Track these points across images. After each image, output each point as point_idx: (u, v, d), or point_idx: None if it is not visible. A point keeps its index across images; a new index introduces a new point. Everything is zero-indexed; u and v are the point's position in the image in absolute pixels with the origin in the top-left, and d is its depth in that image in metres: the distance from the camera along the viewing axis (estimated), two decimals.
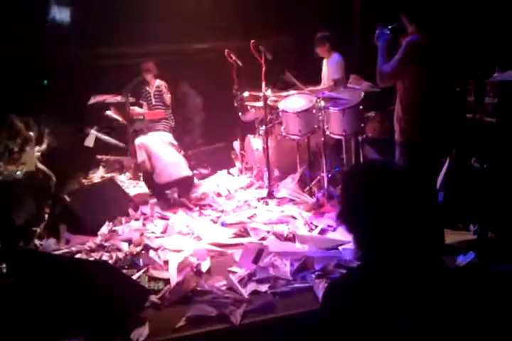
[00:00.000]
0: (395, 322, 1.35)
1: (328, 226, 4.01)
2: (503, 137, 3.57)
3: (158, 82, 6.45)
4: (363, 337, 1.38)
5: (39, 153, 5.62)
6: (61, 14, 8.26)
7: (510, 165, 3.52)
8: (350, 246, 3.50)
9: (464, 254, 3.24)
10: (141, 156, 5.08)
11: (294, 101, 5.04)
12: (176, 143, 5.43)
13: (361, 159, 4.86)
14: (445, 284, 1.47)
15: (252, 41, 5.03)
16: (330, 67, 5.64)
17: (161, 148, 5.09)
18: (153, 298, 3.01)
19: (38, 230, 4.30)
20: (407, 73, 3.08)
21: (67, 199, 4.31)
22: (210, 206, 4.87)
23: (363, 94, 4.68)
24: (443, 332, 1.36)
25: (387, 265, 1.43)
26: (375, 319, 1.38)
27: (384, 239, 1.45)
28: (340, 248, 3.54)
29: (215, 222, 4.41)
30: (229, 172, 6.22)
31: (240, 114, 6.00)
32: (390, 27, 3.22)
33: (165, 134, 5.56)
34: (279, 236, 3.92)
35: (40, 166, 4.95)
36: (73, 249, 3.91)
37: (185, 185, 5.02)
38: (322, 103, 4.83)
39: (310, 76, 6.12)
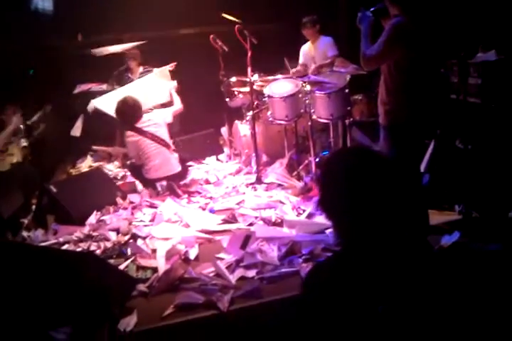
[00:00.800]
0: (373, 307, 1.36)
1: (316, 210, 4.02)
2: (487, 117, 3.57)
3: (142, 69, 6.36)
4: (341, 322, 1.39)
5: (26, 144, 5.60)
6: (44, 3, 8.13)
7: (494, 145, 3.53)
8: None
9: (449, 234, 3.27)
10: (131, 152, 4.93)
11: (279, 86, 5.00)
12: (168, 119, 5.13)
13: (349, 142, 4.85)
14: (428, 266, 1.48)
15: (236, 26, 4.97)
16: (324, 47, 5.61)
17: (150, 145, 4.83)
18: (142, 286, 3.03)
19: (26, 222, 4.29)
20: (393, 55, 3.05)
21: (54, 189, 4.28)
22: (199, 193, 4.85)
23: (348, 77, 4.66)
24: (423, 315, 1.37)
25: (368, 250, 1.44)
26: (353, 304, 1.39)
27: (365, 224, 1.45)
28: (327, 231, 3.55)
29: (203, 209, 4.40)
30: (218, 159, 6.21)
31: (227, 99, 5.96)
32: (371, 9, 3.18)
33: (157, 113, 5.18)
34: (267, 222, 3.93)
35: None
36: (61, 239, 3.90)
37: (175, 178, 4.96)
38: (308, 87, 4.80)
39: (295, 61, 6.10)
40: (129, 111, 4.85)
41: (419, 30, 3.03)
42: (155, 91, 5.66)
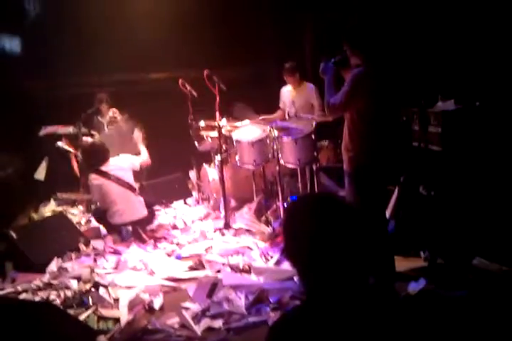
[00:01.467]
0: None
1: (282, 256, 3.98)
2: (448, 165, 3.67)
3: (111, 112, 6.36)
4: None
5: None
6: (11, 43, 8.14)
7: (456, 192, 3.62)
8: None
9: (415, 281, 3.28)
10: (95, 195, 4.86)
11: (247, 131, 5.07)
12: (136, 167, 5.09)
13: (316, 187, 4.89)
14: (395, 314, 1.46)
15: (205, 71, 5.06)
16: (308, 94, 5.64)
17: (115, 189, 4.74)
18: (102, 338, 2.90)
19: None
20: (354, 104, 3.13)
21: (14, 235, 4.14)
22: (165, 238, 4.77)
23: (314, 123, 4.76)
24: None
25: (333, 299, 1.42)
26: None
27: (328, 273, 1.44)
28: (295, 278, 3.52)
29: (169, 255, 4.32)
30: (185, 203, 6.16)
31: (196, 143, 5.98)
32: (333, 60, 3.30)
33: (124, 158, 5.08)
34: (234, 269, 3.88)
35: None
36: (19, 288, 3.74)
37: (140, 223, 4.87)
38: (275, 133, 4.87)
39: (264, 106, 6.21)
40: (95, 153, 4.81)
41: (380, 79, 3.14)
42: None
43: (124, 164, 4.95)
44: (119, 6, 7.47)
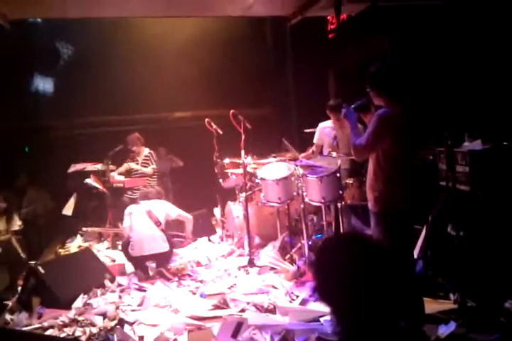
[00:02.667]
0: None
1: (310, 296, 3.93)
2: (477, 204, 3.63)
3: (146, 151, 6.53)
4: None
5: (20, 222, 5.57)
6: (44, 85, 8.49)
7: (486, 232, 3.56)
8: None
9: (445, 324, 3.19)
10: (126, 222, 5.08)
11: (272, 169, 5.12)
12: (171, 216, 5.33)
13: (341, 226, 4.86)
14: None
15: (231, 111, 5.20)
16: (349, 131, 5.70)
17: (139, 220, 5.00)
18: None
19: (10, 304, 4.14)
20: (380, 145, 3.15)
21: (42, 270, 4.18)
22: (190, 276, 4.77)
23: (339, 161, 4.78)
24: None
25: (365, 339, 1.41)
26: None
27: (360, 313, 1.43)
28: (321, 319, 3.46)
29: (194, 293, 4.30)
30: (209, 240, 6.16)
31: (220, 180, 6.05)
32: (353, 106, 3.38)
33: (158, 203, 5.33)
34: (259, 308, 3.83)
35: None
36: (45, 324, 3.75)
37: (161, 258, 4.94)
38: (300, 170, 4.91)
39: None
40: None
41: (404, 120, 3.15)
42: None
43: (164, 207, 5.26)
44: (144, 50, 7.80)
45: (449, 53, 5.10)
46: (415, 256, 3.65)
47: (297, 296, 3.99)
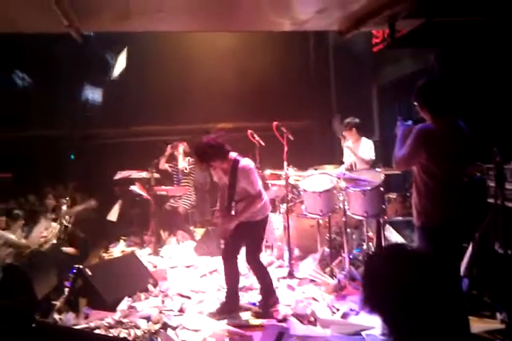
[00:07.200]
0: None
1: (351, 309, 3.93)
2: None
3: (188, 160, 6.67)
4: None
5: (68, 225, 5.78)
6: (94, 94, 8.81)
7: None
8: (374, 332, 3.42)
9: None
10: None
11: (315, 181, 5.15)
12: None
13: (383, 240, 4.84)
14: None
15: (274, 123, 5.28)
16: (362, 149, 5.79)
17: None
18: None
19: (58, 304, 4.28)
20: (419, 158, 3.12)
21: (89, 273, 4.32)
22: None
23: (383, 175, 4.78)
24: None
25: None
26: None
27: (413, 324, 1.46)
28: (363, 333, 3.45)
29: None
30: None
31: None
32: (411, 121, 3.36)
33: None
34: (300, 319, 3.85)
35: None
36: (92, 324, 3.85)
37: None
38: (343, 183, 4.92)
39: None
40: None
41: (448, 134, 3.09)
42: None
43: None
44: (190, 62, 8.01)
45: (497, 67, 5.04)
46: (461, 274, 3.60)
47: (338, 309, 3.98)
